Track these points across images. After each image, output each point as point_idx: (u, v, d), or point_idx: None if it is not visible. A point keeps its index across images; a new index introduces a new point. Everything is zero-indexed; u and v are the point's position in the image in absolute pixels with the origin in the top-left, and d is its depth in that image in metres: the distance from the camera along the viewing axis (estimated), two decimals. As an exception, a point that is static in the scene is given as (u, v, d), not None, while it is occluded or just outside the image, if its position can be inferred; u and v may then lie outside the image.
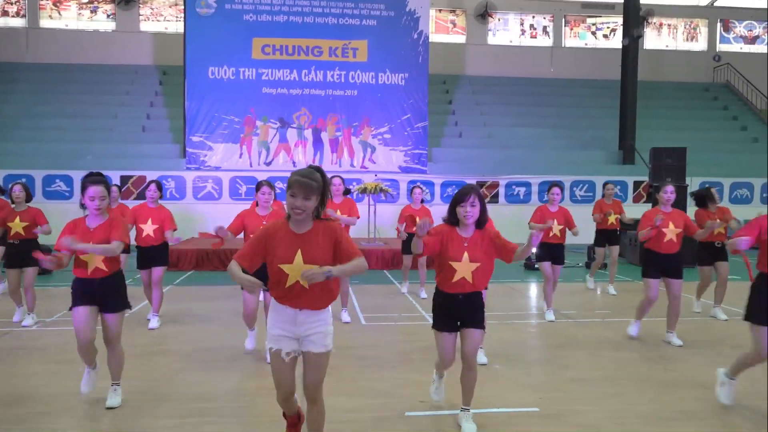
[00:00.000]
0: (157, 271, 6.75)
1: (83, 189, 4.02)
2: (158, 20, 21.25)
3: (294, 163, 15.87)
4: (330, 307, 3.15)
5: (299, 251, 2.98)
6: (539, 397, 4.42)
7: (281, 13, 15.90)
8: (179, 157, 16.21)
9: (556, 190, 7.24)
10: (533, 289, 9.60)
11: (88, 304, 4.06)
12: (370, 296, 8.67)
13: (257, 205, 5.66)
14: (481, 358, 5.13)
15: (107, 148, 16.22)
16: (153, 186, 6.82)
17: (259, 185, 5.74)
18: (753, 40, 23.63)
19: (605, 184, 9.43)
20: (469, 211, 3.64)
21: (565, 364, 5.35)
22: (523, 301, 7.94)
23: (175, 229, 6.79)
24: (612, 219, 9.10)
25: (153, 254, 6.74)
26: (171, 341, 6.11)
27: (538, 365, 5.41)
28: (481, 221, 3.72)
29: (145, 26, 21.09)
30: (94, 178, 4.04)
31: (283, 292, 3.05)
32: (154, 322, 6.65)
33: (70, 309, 4.12)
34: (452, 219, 3.75)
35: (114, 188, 8.29)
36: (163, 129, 17.59)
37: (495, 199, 16.25)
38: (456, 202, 3.69)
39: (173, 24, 20.99)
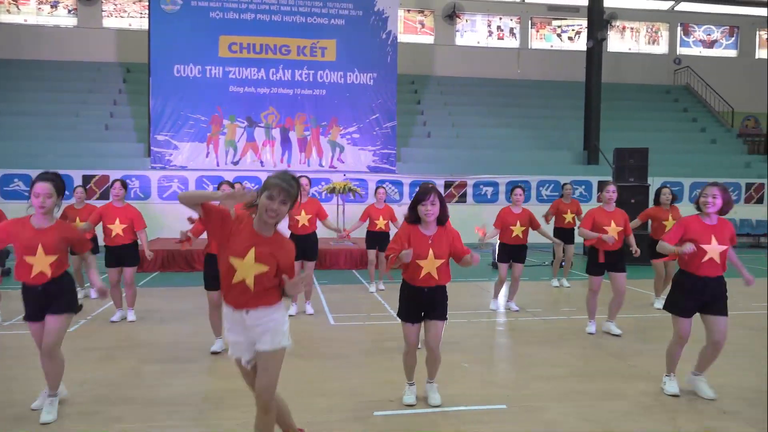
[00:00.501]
0: (129, 271, 6.85)
1: (31, 186, 3.83)
2: (122, 16, 20.81)
3: (262, 162, 15.74)
4: (283, 303, 3.05)
5: (253, 249, 2.88)
6: (507, 394, 4.48)
7: (248, 11, 15.74)
8: (144, 156, 15.91)
9: (518, 191, 7.40)
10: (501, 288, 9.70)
11: (37, 317, 3.87)
12: (338, 296, 8.65)
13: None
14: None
15: (69, 147, 15.82)
16: (117, 184, 6.76)
17: (220, 186, 5.71)
18: (711, 44, 24.32)
19: (564, 185, 9.70)
20: (430, 210, 3.88)
21: (531, 361, 5.43)
22: (491, 300, 8.02)
23: (145, 227, 6.86)
24: (569, 218, 9.43)
25: (123, 253, 6.77)
26: (137, 343, 5.99)
27: (506, 363, 5.48)
28: (442, 218, 3.96)
29: (108, 22, 20.63)
30: (43, 176, 3.83)
31: (228, 287, 2.94)
32: (131, 315, 6.88)
33: (24, 319, 3.97)
34: (414, 218, 3.97)
35: (80, 189, 8.18)
36: (127, 127, 17.24)
37: (463, 198, 16.39)
38: (417, 201, 3.93)
39: (137, 20, 20.58)
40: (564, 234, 9.47)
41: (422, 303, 4.03)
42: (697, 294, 4.26)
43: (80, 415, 4.02)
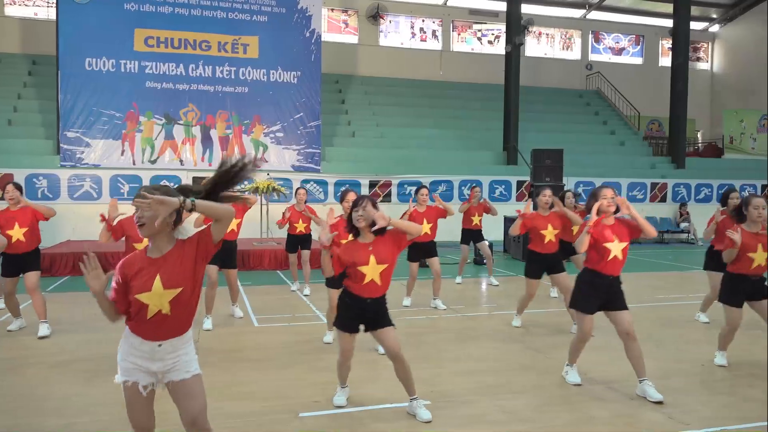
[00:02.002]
0: (32, 277, 6.20)
1: None
2: (26, 5, 19.55)
3: (181, 161, 15.22)
4: (191, 331, 2.83)
5: (158, 276, 2.63)
6: (430, 390, 4.56)
7: (166, 4, 15.18)
8: (52, 153, 15.01)
9: (423, 191, 7.51)
10: (424, 285, 9.85)
11: None
12: (262, 297, 8.52)
13: None
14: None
15: (-33, 143, 14.70)
16: (9, 187, 6.08)
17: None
18: (620, 51, 25.74)
19: (473, 188, 9.94)
20: (362, 215, 3.82)
21: (455, 357, 5.56)
22: (415, 298, 8.14)
23: (53, 214, 6.35)
24: (476, 220, 9.64)
25: (24, 260, 6.16)
26: (45, 352, 5.65)
27: (430, 359, 5.58)
28: (378, 229, 3.88)
29: (11, 11, 19.32)
30: None
31: (142, 323, 2.68)
32: (44, 329, 6.18)
33: None
34: (353, 227, 3.91)
35: None
36: (33, 123, 16.19)
37: (388, 198, 16.52)
38: (352, 210, 3.89)
39: (44, 10, 19.39)
40: (473, 235, 9.69)
41: (363, 315, 3.95)
42: (601, 292, 4.47)
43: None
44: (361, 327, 4.04)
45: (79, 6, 14.55)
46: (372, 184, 16.43)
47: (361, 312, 3.94)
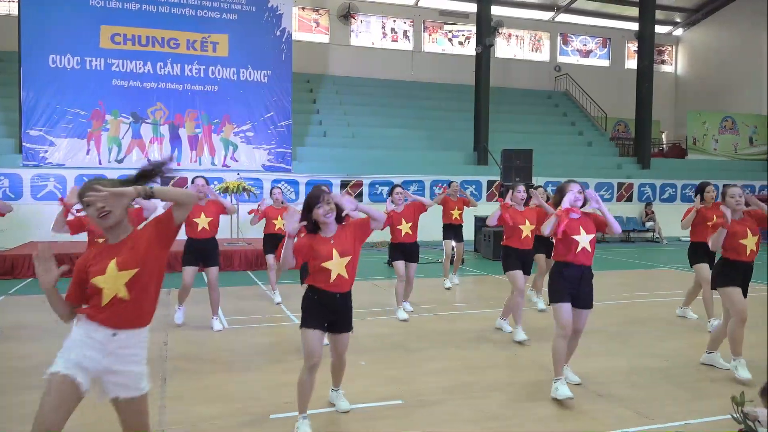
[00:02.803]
0: None
1: None
2: (-13, -1, 19.00)
3: (149, 161, 14.86)
4: (147, 338, 2.72)
5: (114, 259, 2.59)
6: (402, 390, 4.58)
7: (132, 1, 14.90)
8: (14, 152, 14.60)
9: (397, 189, 7.34)
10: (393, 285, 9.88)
11: None
12: (233, 298, 8.43)
13: None
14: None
15: (-77, 142, 14.22)
16: None
17: (193, 181, 5.34)
18: (587, 53, 26.18)
19: (450, 183, 9.94)
20: (327, 209, 3.70)
21: (427, 356, 5.59)
22: (387, 298, 8.16)
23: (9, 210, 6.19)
24: (456, 214, 9.53)
25: None
26: (3, 358, 5.50)
27: (402, 359, 5.59)
28: (339, 217, 3.80)
29: (-29, 5, 18.75)
30: None
31: (98, 308, 2.59)
32: None
33: None
34: (312, 225, 3.76)
35: None
36: (-6, 121, 15.76)
37: (359, 198, 16.50)
38: (310, 207, 3.71)
39: (5, 5, 18.86)
40: (453, 230, 9.57)
41: (332, 311, 3.80)
42: (574, 282, 4.49)
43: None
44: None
45: (43, 1, 14.19)
46: (343, 184, 16.40)
47: (330, 309, 3.81)
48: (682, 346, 5.95)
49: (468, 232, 14.16)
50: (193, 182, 6.71)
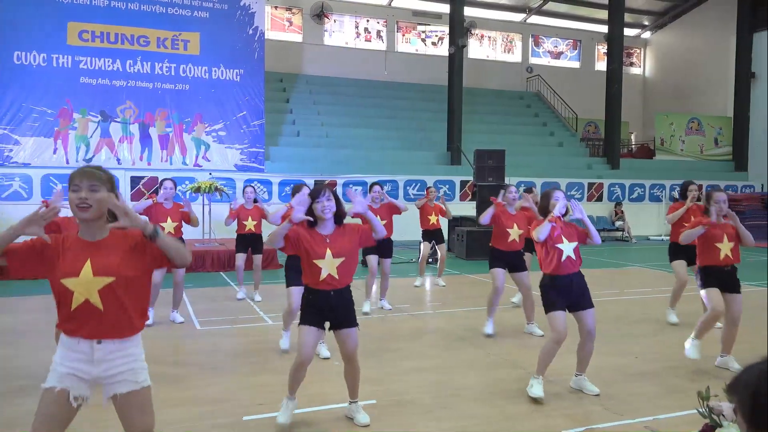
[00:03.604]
0: None
1: None
2: (-52, -6, 18.44)
3: (118, 160, 14.72)
4: (140, 337, 2.58)
5: (88, 261, 2.41)
6: (376, 390, 4.59)
7: (101, -3, 14.63)
8: (-22, 151, 14.24)
9: (376, 188, 7.43)
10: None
11: None
12: (205, 299, 8.34)
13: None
14: (324, 352, 5.24)
15: None
16: None
17: (161, 183, 5.26)
18: (558, 55, 26.54)
19: (428, 188, 10.01)
20: (327, 205, 3.72)
21: (402, 355, 5.60)
22: (362, 297, 8.16)
23: None
24: (433, 219, 9.61)
25: None
26: (-30, 362, 5.36)
27: (377, 358, 5.60)
28: (339, 215, 3.82)
29: (-69, -1, 18.18)
30: None
31: (68, 316, 2.43)
32: None
33: None
34: (310, 221, 3.74)
35: None
36: (-44, 119, 15.31)
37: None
38: (312, 199, 3.74)
39: (-32, -1, 18.34)
40: (432, 234, 9.64)
41: (329, 310, 3.78)
42: (565, 291, 4.47)
43: None
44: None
45: (7, -4, 13.84)
46: (317, 184, 16.33)
47: (326, 306, 3.76)
48: (651, 342, 6.08)
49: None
50: (161, 184, 6.63)
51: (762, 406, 1.01)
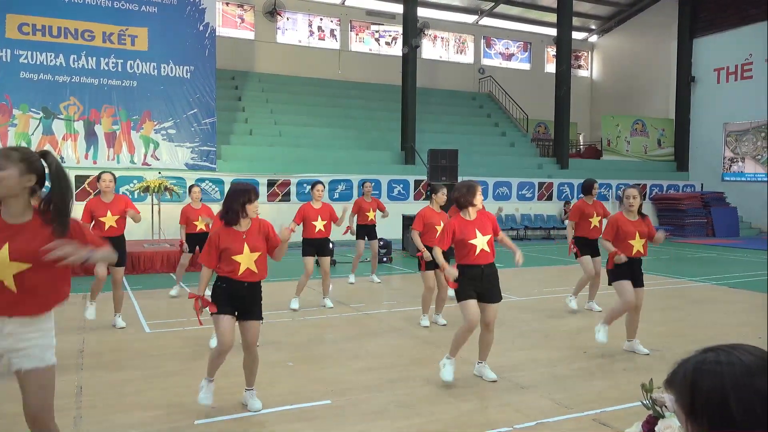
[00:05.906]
0: None
1: None
2: None
3: (62, 158, 14.17)
4: (53, 314, 2.59)
5: (6, 245, 2.40)
6: (331, 389, 4.57)
7: (43, -11, 14.08)
8: None
9: (319, 186, 7.67)
10: (316, 284, 9.84)
11: None
12: (154, 301, 8.13)
13: None
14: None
15: None
16: None
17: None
18: (509, 57, 27.03)
19: (363, 183, 10.08)
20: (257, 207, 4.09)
21: (354, 355, 5.60)
22: (313, 297, 8.12)
23: None
24: (371, 216, 9.72)
25: None
26: None
27: (330, 358, 5.58)
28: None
29: None
30: None
31: None
32: None
33: None
34: (233, 219, 4.00)
35: None
36: None
37: (287, 197, 16.30)
38: (244, 203, 4.00)
39: None
40: (367, 230, 9.76)
41: (240, 297, 4.00)
42: (477, 281, 4.65)
43: None
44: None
45: (-60, -14, 13.17)
46: (270, 183, 16.15)
47: (239, 295, 3.99)
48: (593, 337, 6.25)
49: (396, 231, 14.36)
50: (99, 178, 6.46)
51: (699, 398, 1.06)
